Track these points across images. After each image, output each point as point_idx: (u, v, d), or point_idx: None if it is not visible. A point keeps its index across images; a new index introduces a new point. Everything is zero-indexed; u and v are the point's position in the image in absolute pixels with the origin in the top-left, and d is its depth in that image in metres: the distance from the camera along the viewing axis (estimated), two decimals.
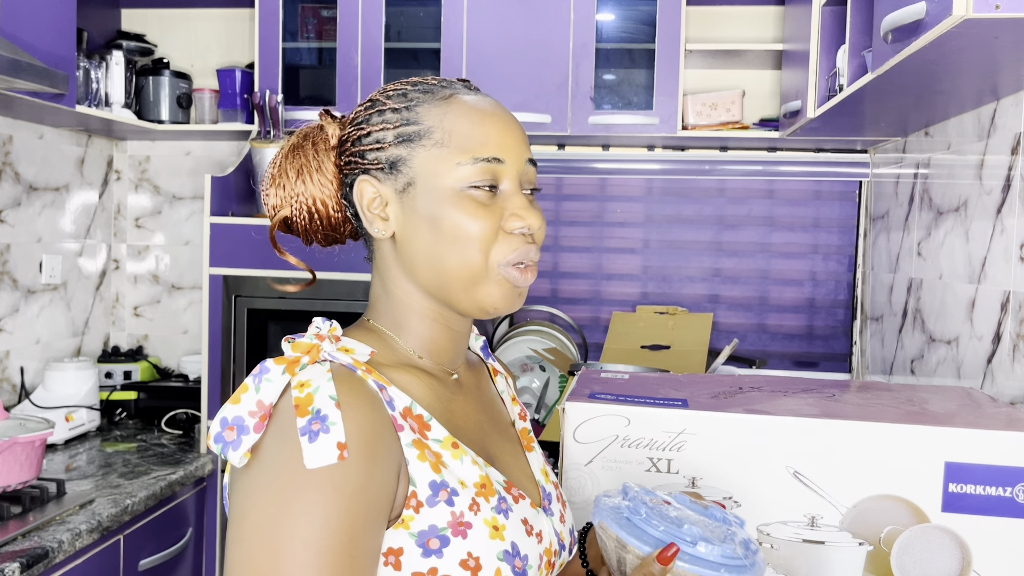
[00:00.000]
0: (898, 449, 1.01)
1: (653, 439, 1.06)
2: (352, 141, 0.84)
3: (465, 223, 0.80)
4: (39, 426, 1.76)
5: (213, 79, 2.67)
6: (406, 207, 0.82)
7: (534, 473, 0.91)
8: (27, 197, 2.37)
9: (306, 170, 0.85)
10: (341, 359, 0.76)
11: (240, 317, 2.29)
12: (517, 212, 0.82)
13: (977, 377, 1.62)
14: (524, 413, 0.98)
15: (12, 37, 1.80)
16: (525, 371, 2.54)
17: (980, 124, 1.67)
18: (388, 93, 0.85)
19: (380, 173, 0.82)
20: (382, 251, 0.86)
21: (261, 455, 0.71)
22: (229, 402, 0.72)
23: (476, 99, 0.84)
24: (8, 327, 2.31)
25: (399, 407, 0.77)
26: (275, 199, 0.87)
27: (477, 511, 0.76)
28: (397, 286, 0.85)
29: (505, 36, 2.33)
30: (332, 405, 0.71)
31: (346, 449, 0.69)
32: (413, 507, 0.73)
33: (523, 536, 0.78)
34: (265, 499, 0.69)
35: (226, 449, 0.71)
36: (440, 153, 0.80)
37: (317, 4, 2.52)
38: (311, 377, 0.72)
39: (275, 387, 0.72)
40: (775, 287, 2.66)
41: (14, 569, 1.45)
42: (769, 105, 2.56)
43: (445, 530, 0.74)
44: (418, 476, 0.74)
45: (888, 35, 1.27)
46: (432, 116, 0.82)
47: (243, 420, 0.71)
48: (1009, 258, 1.51)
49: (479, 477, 0.78)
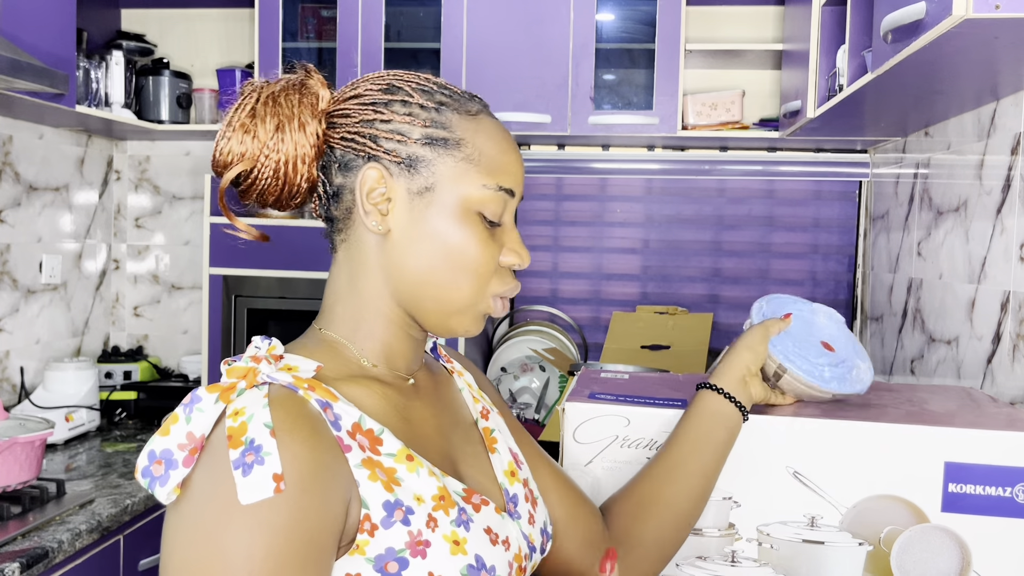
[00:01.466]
0: (898, 449, 1.00)
1: (653, 439, 1.06)
2: (360, 119, 0.79)
3: (472, 248, 0.78)
4: (39, 426, 1.76)
5: (213, 79, 2.67)
6: (415, 210, 0.78)
7: (497, 475, 0.87)
8: (27, 197, 2.37)
9: (287, 124, 0.77)
10: (281, 379, 0.71)
11: (240, 317, 2.29)
12: (516, 248, 0.81)
13: (977, 377, 1.62)
14: (486, 411, 0.93)
15: (12, 37, 1.80)
16: (525, 371, 2.54)
17: (980, 124, 1.67)
18: (412, 84, 0.80)
19: (394, 166, 0.77)
20: (362, 245, 0.80)
21: (191, 490, 0.66)
22: (158, 434, 0.68)
23: (500, 125, 0.82)
24: (8, 327, 2.31)
25: (347, 424, 0.72)
26: (240, 147, 0.77)
27: (435, 527, 0.72)
28: (369, 285, 0.81)
29: (505, 36, 2.33)
30: (267, 434, 0.66)
31: (282, 481, 0.65)
32: (367, 530, 0.69)
33: (487, 546, 0.75)
34: (196, 537, 0.65)
35: (153, 484, 0.66)
36: (468, 169, 0.78)
37: (317, 4, 2.52)
38: (246, 404, 0.68)
39: (207, 417, 0.68)
40: (775, 287, 2.66)
41: (14, 569, 1.45)
42: (769, 105, 2.56)
43: (403, 552, 0.70)
44: (370, 497, 0.70)
45: (888, 35, 1.27)
46: (464, 129, 0.79)
47: (171, 453, 0.66)
48: (1009, 258, 1.51)
49: (436, 489, 0.74)
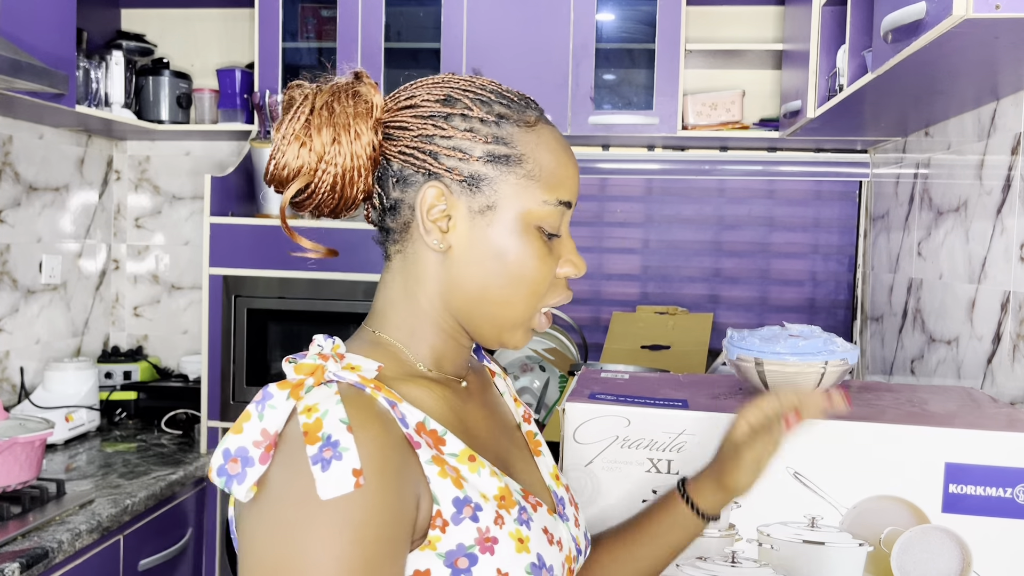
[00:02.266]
0: (898, 449, 1.00)
1: (653, 440, 1.06)
2: (419, 133, 0.77)
3: (532, 264, 0.77)
4: (39, 426, 1.76)
5: (213, 79, 2.67)
6: (477, 228, 0.77)
7: (544, 478, 0.88)
8: (27, 197, 2.37)
9: (344, 134, 0.76)
10: (347, 378, 0.71)
11: (240, 317, 2.29)
12: (573, 259, 0.81)
13: (977, 377, 1.62)
14: (528, 414, 0.95)
15: (12, 37, 1.80)
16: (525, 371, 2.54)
17: (980, 124, 1.66)
18: (470, 95, 0.78)
19: (455, 184, 0.76)
20: (419, 259, 0.79)
21: (269, 487, 0.66)
22: (231, 432, 0.68)
23: (556, 132, 0.81)
24: (8, 327, 2.31)
25: (412, 423, 0.73)
26: (296, 160, 0.76)
27: (502, 525, 0.73)
28: (425, 297, 0.80)
29: (505, 36, 2.33)
30: (343, 429, 0.66)
31: (361, 475, 0.65)
32: (439, 526, 0.70)
33: (546, 546, 0.76)
34: (277, 535, 0.65)
35: (230, 483, 0.66)
36: (529, 186, 0.77)
37: (317, 4, 2.52)
38: (318, 400, 0.68)
39: (280, 413, 0.68)
40: (775, 287, 2.66)
41: (14, 569, 1.45)
42: (769, 105, 2.56)
43: (473, 548, 0.70)
44: (441, 493, 0.71)
45: (888, 35, 1.27)
46: (525, 143, 0.77)
47: (247, 451, 0.66)
48: (1009, 258, 1.51)
49: (498, 489, 0.75)
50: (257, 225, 2.27)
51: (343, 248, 2.24)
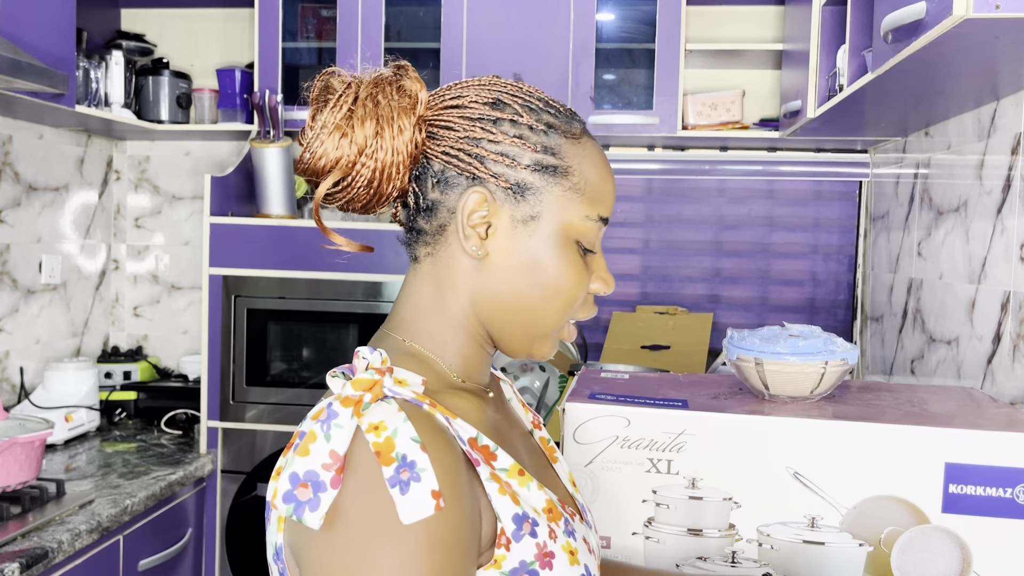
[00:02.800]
0: (898, 450, 1.00)
1: (653, 440, 1.06)
2: (466, 135, 0.74)
3: (570, 278, 0.76)
4: (39, 426, 1.76)
5: (213, 79, 2.67)
6: (517, 238, 0.75)
7: (565, 485, 0.87)
8: (27, 197, 2.37)
9: (387, 128, 0.73)
10: (403, 394, 0.68)
11: (240, 317, 2.29)
12: (604, 276, 0.79)
13: (977, 377, 1.62)
14: (537, 420, 0.93)
15: (12, 37, 1.80)
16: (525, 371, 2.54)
17: (980, 124, 1.66)
18: (519, 101, 0.76)
19: (500, 191, 0.74)
20: (453, 263, 0.77)
21: (343, 513, 0.62)
22: (296, 454, 0.64)
23: (599, 147, 0.80)
24: (8, 327, 2.31)
25: (466, 439, 0.70)
26: (336, 151, 0.72)
27: (555, 538, 0.71)
28: (457, 304, 0.77)
29: (505, 36, 2.33)
30: (417, 448, 0.63)
31: (441, 497, 0.62)
32: (504, 544, 0.68)
33: (587, 555, 0.75)
34: (357, 562, 0.61)
35: (300, 510, 0.62)
36: (574, 199, 0.75)
37: (317, 4, 2.52)
38: (383, 418, 0.64)
39: (346, 433, 0.64)
40: (775, 287, 2.66)
41: (14, 569, 1.45)
42: (769, 105, 2.56)
43: (534, 564, 0.69)
44: (503, 511, 0.69)
45: (888, 35, 1.27)
46: (572, 155, 0.76)
47: (317, 475, 0.62)
48: (1009, 258, 1.51)
49: (546, 502, 0.73)
50: (257, 225, 2.27)
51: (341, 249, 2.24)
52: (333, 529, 0.62)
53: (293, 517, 0.63)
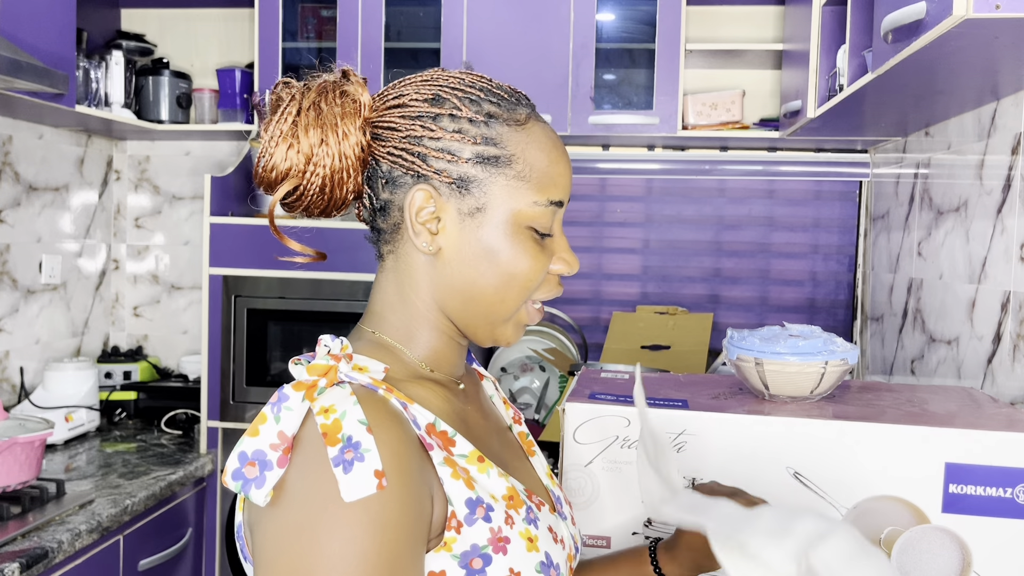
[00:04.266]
0: (898, 450, 1.00)
1: None
2: (407, 134, 0.76)
3: (524, 263, 0.77)
4: (39, 426, 1.76)
5: (213, 79, 2.67)
6: (466, 230, 0.76)
7: (541, 478, 0.89)
8: (27, 197, 2.37)
9: (331, 135, 0.75)
10: (359, 379, 0.71)
11: (240, 317, 2.29)
12: (565, 257, 0.81)
13: (977, 377, 1.62)
14: (518, 416, 0.95)
15: (12, 37, 1.80)
16: (525, 371, 2.54)
17: (980, 124, 1.66)
18: (458, 94, 0.77)
19: (444, 187, 0.75)
20: (412, 261, 0.79)
21: (289, 491, 0.65)
22: (247, 435, 0.66)
23: (548, 130, 0.80)
24: (8, 327, 2.31)
25: (423, 424, 0.72)
26: (284, 162, 0.74)
27: (512, 524, 0.73)
28: (419, 298, 0.80)
29: (505, 36, 2.33)
30: (363, 430, 0.65)
31: (384, 476, 0.64)
32: (454, 527, 0.70)
33: (552, 544, 0.76)
34: (301, 539, 0.64)
35: (247, 487, 0.65)
36: (519, 187, 0.76)
37: (317, 4, 2.52)
38: (334, 401, 0.67)
39: (296, 415, 0.66)
40: (775, 287, 2.66)
41: (14, 569, 1.45)
42: (769, 105, 2.56)
43: (486, 548, 0.71)
44: (455, 495, 0.71)
45: (888, 35, 1.27)
46: (514, 143, 0.76)
47: (264, 454, 0.65)
48: (1009, 258, 1.51)
49: (507, 489, 0.75)
50: (257, 225, 2.27)
51: (342, 248, 2.25)
52: (278, 506, 0.65)
53: (241, 493, 0.66)
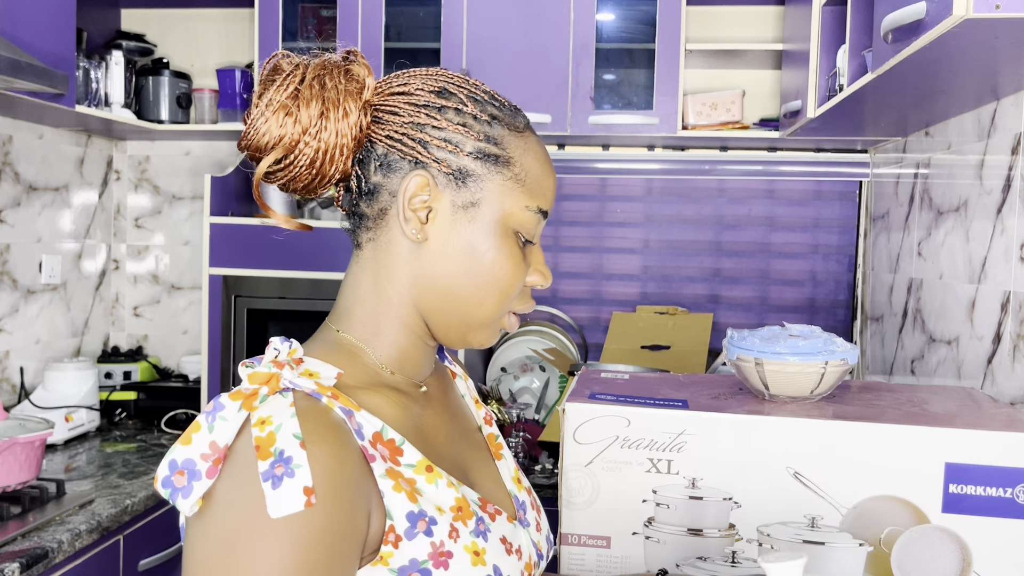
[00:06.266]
0: (898, 450, 1.00)
1: (653, 440, 1.06)
2: (410, 120, 0.76)
3: (506, 266, 0.77)
4: (39, 426, 1.76)
5: (213, 79, 2.67)
6: (457, 224, 0.76)
7: (505, 483, 0.87)
8: (27, 197, 2.37)
9: (332, 111, 0.74)
10: (303, 386, 0.69)
11: (240, 317, 2.29)
12: (541, 269, 0.81)
13: (977, 377, 1.62)
14: (489, 416, 0.93)
15: (12, 37, 1.80)
16: (525, 371, 2.53)
17: (980, 124, 1.66)
18: (464, 91, 0.78)
19: (442, 176, 0.75)
20: (392, 248, 0.78)
21: (217, 502, 0.64)
22: (179, 442, 0.65)
23: (541, 143, 0.82)
24: (8, 327, 2.31)
25: (368, 434, 0.71)
26: (279, 129, 0.73)
27: (457, 538, 0.71)
28: (394, 290, 0.78)
29: (505, 36, 2.33)
30: (296, 445, 0.64)
31: (313, 494, 0.63)
32: (391, 542, 0.69)
33: (503, 556, 0.75)
34: (222, 551, 0.63)
35: (175, 495, 0.64)
36: (514, 189, 0.77)
37: (317, 4, 2.52)
38: (272, 413, 0.65)
39: (231, 426, 0.65)
40: (775, 287, 2.66)
41: (14, 569, 1.45)
42: (769, 105, 2.56)
43: (426, 563, 0.69)
44: (394, 508, 0.69)
45: (888, 35, 1.27)
46: (513, 147, 0.78)
47: (194, 464, 0.64)
48: (1009, 258, 1.51)
49: (455, 500, 0.74)
50: (257, 225, 2.27)
51: (342, 248, 2.25)
52: (204, 516, 0.64)
53: (169, 501, 0.65)
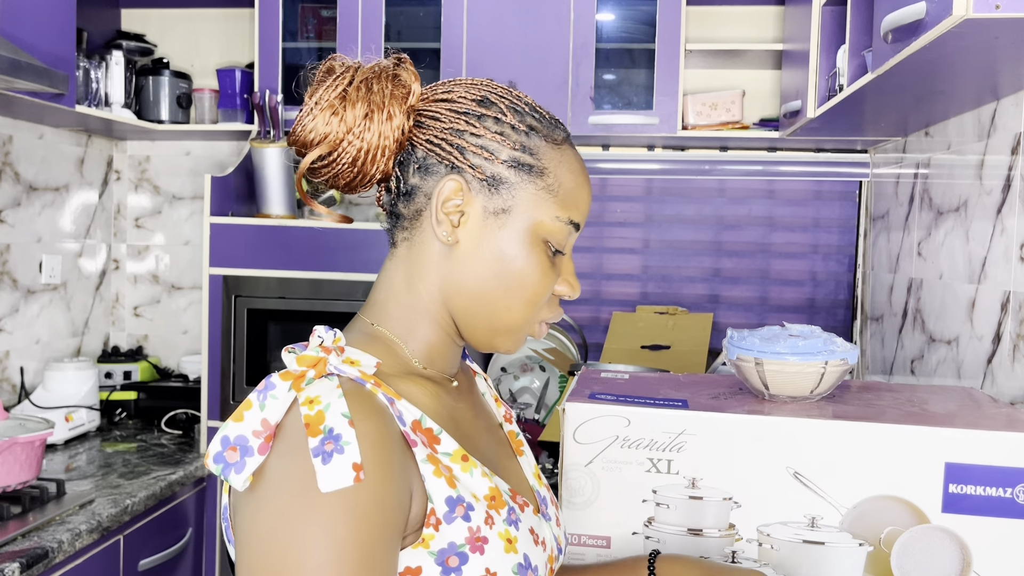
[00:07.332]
0: (898, 450, 1.00)
1: (653, 440, 1.06)
2: (450, 126, 0.78)
3: (534, 275, 0.79)
4: (39, 426, 1.76)
5: (213, 79, 2.67)
6: (487, 229, 0.78)
7: (528, 478, 0.90)
8: (27, 197, 2.37)
9: (376, 113, 0.77)
10: (348, 372, 0.72)
11: (240, 317, 2.29)
12: (570, 279, 0.83)
13: (977, 377, 1.62)
14: (509, 414, 0.96)
15: (12, 37, 1.80)
16: (525, 371, 2.54)
17: (980, 124, 1.66)
18: (505, 102, 0.80)
19: (476, 182, 0.78)
20: (425, 248, 0.80)
21: (268, 478, 0.67)
22: (231, 419, 0.68)
23: (579, 157, 0.83)
24: (8, 327, 2.31)
25: (409, 421, 0.73)
26: (325, 127, 0.76)
27: (492, 525, 0.74)
28: (426, 289, 0.81)
29: (505, 36, 2.33)
30: (345, 423, 0.66)
31: (362, 470, 0.65)
32: (432, 524, 0.71)
33: (532, 546, 0.77)
34: (275, 526, 0.65)
35: (227, 471, 0.66)
36: (546, 199, 0.79)
37: (317, 4, 2.52)
38: (320, 393, 0.68)
39: (281, 404, 0.68)
40: (775, 287, 2.66)
41: (14, 569, 1.45)
42: (769, 105, 2.56)
43: (463, 547, 0.72)
44: (435, 492, 0.72)
45: (888, 35, 1.27)
46: (549, 158, 0.80)
47: (247, 440, 0.66)
48: (1009, 258, 1.51)
49: (489, 489, 0.76)
50: (257, 225, 2.27)
51: (342, 248, 2.25)
52: (256, 492, 0.67)
53: (221, 477, 0.67)
